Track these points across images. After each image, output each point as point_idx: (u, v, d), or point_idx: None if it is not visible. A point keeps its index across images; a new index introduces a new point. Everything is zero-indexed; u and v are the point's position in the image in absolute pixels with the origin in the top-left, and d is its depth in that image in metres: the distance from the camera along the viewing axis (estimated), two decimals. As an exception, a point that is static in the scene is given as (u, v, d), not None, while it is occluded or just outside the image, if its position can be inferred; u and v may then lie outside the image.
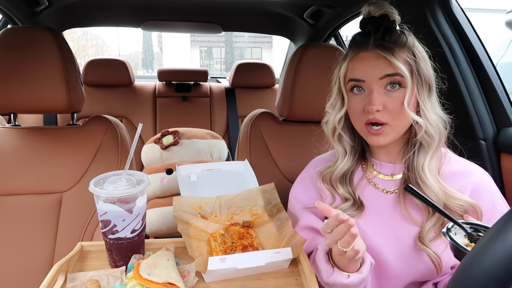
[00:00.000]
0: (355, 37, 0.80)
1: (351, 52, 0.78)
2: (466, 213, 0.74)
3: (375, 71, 0.74)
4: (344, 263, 0.70)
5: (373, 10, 0.77)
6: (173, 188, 1.52)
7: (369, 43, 0.75)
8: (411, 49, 0.75)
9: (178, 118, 2.43)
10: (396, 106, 0.74)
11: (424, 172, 0.76)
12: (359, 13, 1.59)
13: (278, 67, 2.88)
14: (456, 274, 0.37)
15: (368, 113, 0.75)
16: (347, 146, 0.85)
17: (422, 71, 0.75)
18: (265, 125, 1.30)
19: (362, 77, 0.75)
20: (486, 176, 0.80)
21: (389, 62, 0.72)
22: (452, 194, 0.75)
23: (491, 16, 7.39)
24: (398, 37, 0.75)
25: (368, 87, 0.75)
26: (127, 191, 0.67)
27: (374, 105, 0.73)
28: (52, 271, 0.67)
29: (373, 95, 0.74)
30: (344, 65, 0.79)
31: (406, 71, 0.72)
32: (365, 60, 0.76)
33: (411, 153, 0.79)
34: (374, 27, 0.76)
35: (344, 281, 0.70)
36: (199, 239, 0.79)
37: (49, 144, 1.11)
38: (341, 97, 0.83)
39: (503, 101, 1.07)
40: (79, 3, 1.68)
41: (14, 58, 1.01)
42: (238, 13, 1.99)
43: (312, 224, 0.84)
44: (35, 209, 1.05)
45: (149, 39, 19.61)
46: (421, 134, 0.75)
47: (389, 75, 0.73)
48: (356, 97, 0.78)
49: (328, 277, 0.71)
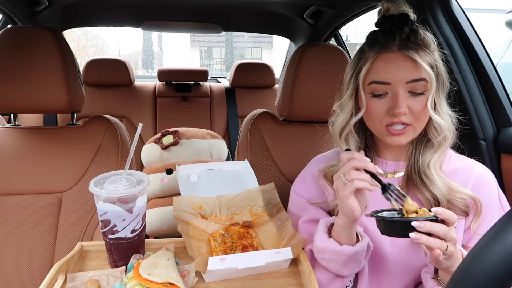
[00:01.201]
0: (376, 36, 0.76)
1: (373, 52, 0.75)
2: (467, 208, 0.75)
3: (403, 74, 0.72)
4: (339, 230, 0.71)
5: (392, 7, 0.75)
6: (173, 188, 1.52)
7: (393, 44, 0.73)
8: (433, 52, 0.74)
9: (178, 118, 2.42)
10: (420, 109, 0.73)
11: (430, 169, 0.77)
12: (359, 13, 1.59)
13: (278, 67, 2.88)
14: (457, 273, 0.37)
15: (394, 116, 0.73)
16: (352, 145, 0.85)
17: (441, 73, 0.75)
18: (265, 125, 1.30)
19: (388, 79, 0.73)
20: (487, 172, 0.81)
21: (416, 66, 0.71)
22: (455, 188, 0.75)
23: (491, 16, 7.39)
24: (423, 39, 0.73)
25: (393, 90, 0.73)
26: (127, 191, 0.67)
27: (401, 108, 0.71)
28: (52, 271, 0.67)
29: (400, 99, 0.72)
30: (366, 67, 0.75)
31: (433, 75, 0.71)
32: (391, 62, 0.73)
33: (418, 151, 0.79)
34: (398, 27, 0.73)
35: (336, 247, 0.71)
36: (199, 239, 0.79)
37: (49, 144, 1.11)
38: (355, 99, 0.80)
39: (503, 101, 1.07)
40: (79, 3, 1.68)
41: (14, 58, 1.01)
42: (238, 13, 1.99)
43: (317, 217, 0.84)
44: (35, 209, 1.05)
45: (149, 39, 19.61)
46: (440, 137, 0.76)
47: (415, 80, 0.72)
48: (377, 100, 0.75)
49: (322, 242, 0.73)
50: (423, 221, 0.58)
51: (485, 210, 0.75)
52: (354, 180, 0.64)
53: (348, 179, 0.65)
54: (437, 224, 0.59)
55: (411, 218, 0.60)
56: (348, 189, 0.65)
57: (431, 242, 0.59)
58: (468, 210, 0.76)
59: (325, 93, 1.20)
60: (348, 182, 0.65)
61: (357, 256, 0.72)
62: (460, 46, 1.13)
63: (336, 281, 0.76)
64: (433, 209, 0.60)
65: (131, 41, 27.61)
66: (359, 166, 0.65)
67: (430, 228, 0.58)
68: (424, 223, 0.58)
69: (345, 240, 0.72)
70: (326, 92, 1.20)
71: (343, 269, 0.73)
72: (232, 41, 20.08)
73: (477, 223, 0.75)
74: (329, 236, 0.75)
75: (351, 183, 0.65)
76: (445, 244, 0.59)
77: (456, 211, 0.75)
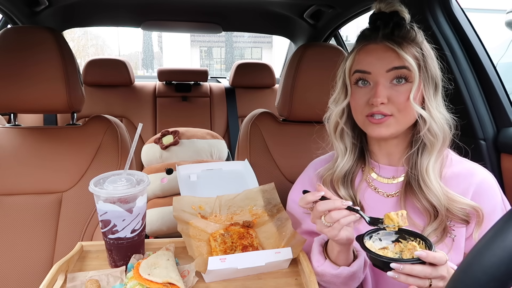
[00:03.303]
0: (364, 31, 0.80)
1: (359, 44, 0.78)
2: (468, 216, 0.73)
3: (383, 63, 0.74)
4: (336, 253, 0.70)
5: (383, 6, 0.77)
6: (173, 188, 1.52)
7: (377, 37, 0.75)
8: (420, 46, 0.75)
9: (178, 118, 2.43)
10: (401, 100, 0.73)
11: (428, 175, 0.75)
12: (359, 13, 1.59)
13: (278, 67, 2.88)
14: (457, 273, 0.37)
15: (372, 106, 0.74)
16: (348, 143, 0.84)
17: (429, 67, 0.75)
18: (265, 125, 1.30)
19: (369, 68, 0.75)
20: (489, 177, 0.78)
21: (397, 56, 0.72)
22: (455, 198, 0.73)
23: (491, 16, 7.39)
24: (407, 32, 0.75)
25: (374, 80, 0.75)
26: (127, 191, 0.67)
27: (379, 97, 0.72)
28: (52, 271, 0.67)
29: (379, 88, 0.73)
30: (351, 57, 0.79)
31: (414, 65, 0.72)
32: (372, 52, 0.75)
33: (415, 155, 0.78)
34: (383, 22, 0.76)
35: (333, 271, 0.71)
36: (199, 239, 0.79)
37: (49, 144, 1.11)
38: (345, 91, 0.82)
39: (503, 101, 1.07)
40: (79, 3, 1.68)
41: (14, 58, 1.01)
42: (238, 13, 1.99)
43: (314, 229, 0.83)
44: (35, 209, 1.05)
45: (149, 39, 19.61)
46: (425, 130, 0.75)
47: (396, 68, 0.73)
48: (360, 90, 0.77)
49: (318, 266, 0.73)
50: (402, 263, 0.58)
51: (487, 218, 0.73)
52: (340, 220, 0.64)
53: (331, 221, 0.64)
54: (417, 267, 0.58)
55: (392, 258, 0.60)
56: (336, 229, 0.64)
57: (410, 281, 0.58)
58: (469, 218, 0.73)
59: (325, 93, 1.20)
60: (332, 224, 0.64)
61: (355, 275, 0.72)
62: (460, 46, 1.13)
63: None
64: (416, 252, 0.58)
65: (131, 41, 27.61)
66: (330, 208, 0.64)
67: (409, 271, 0.58)
68: (403, 266, 0.57)
69: (343, 261, 0.72)
70: (326, 92, 1.20)
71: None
72: (232, 41, 20.08)
73: (479, 231, 0.73)
74: (325, 255, 0.75)
75: (338, 223, 0.64)
76: (427, 281, 0.59)
77: (456, 220, 0.74)
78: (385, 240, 0.66)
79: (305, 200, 0.67)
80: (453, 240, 0.74)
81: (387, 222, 0.63)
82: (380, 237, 0.66)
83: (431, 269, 0.58)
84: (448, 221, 0.74)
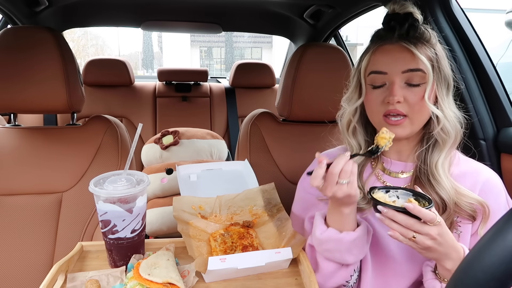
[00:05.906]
0: (378, 32, 0.81)
1: (374, 45, 0.79)
2: (475, 212, 0.75)
3: (399, 64, 0.75)
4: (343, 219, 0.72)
5: (397, 8, 0.78)
6: (173, 188, 1.52)
7: (393, 37, 0.77)
8: (433, 46, 0.77)
9: (178, 118, 2.43)
10: (416, 100, 0.75)
11: (438, 170, 0.77)
12: (359, 13, 1.59)
13: (278, 67, 2.88)
14: (457, 273, 0.37)
15: (388, 104, 0.75)
16: (361, 140, 0.86)
17: (442, 67, 0.76)
18: (265, 125, 1.30)
19: (385, 69, 0.76)
20: (494, 176, 0.81)
21: (412, 57, 0.74)
22: (463, 192, 0.75)
23: (491, 16, 7.39)
24: (422, 33, 0.77)
25: (390, 80, 0.76)
26: (127, 191, 0.67)
27: (396, 95, 0.74)
28: (52, 271, 0.67)
29: (395, 87, 0.74)
30: (366, 58, 0.80)
31: (429, 66, 0.73)
32: (388, 53, 0.77)
33: (425, 151, 0.80)
34: (398, 23, 0.77)
35: (336, 235, 0.72)
36: (199, 239, 0.79)
37: (49, 144, 1.11)
38: (359, 91, 0.83)
39: (503, 101, 1.07)
40: (79, 3, 1.68)
41: (14, 58, 1.01)
42: (238, 13, 1.99)
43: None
44: (35, 209, 1.05)
45: (149, 39, 19.61)
46: (438, 129, 0.76)
47: (411, 70, 0.74)
48: (375, 90, 0.78)
49: (322, 233, 0.74)
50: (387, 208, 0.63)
51: (492, 215, 0.74)
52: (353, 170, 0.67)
53: (346, 177, 0.66)
54: (400, 215, 0.62)
55: (381, 202, 0.64)
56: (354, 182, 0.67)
57: (393, 226, 0.63)
58: (476, 215, 0.75)
59: (325, 93, 1.21)
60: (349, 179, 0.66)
61: (359, 241, 0.73)
62: (460, 46, 1.13)
63: (341, 271, 0.76)
64: (405, 204, 0.62)
65: (131, 41, 27.62)
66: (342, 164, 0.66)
67: (392, 216, 0.63)
68: (388, 210, 0.63)
69: (349, 226, 0.73)
70: (326, 92, 1.21)
71: (347, 257, 0.74)
72: (232, 41, 20.08)
73: (484, 228, 0.75)
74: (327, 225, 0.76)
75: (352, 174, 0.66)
76: (410, 233, 0.62)
77: (463, 215, 0.75)
78: (402, 199, 0.69)
79: (317, 176, 0.67)
80: (458, 236, 0.76)
81: (382, 143, 0.70)
82: (398, 194, 0.70)
83: (415, 222, 0.62)
84: (455, 217, 0.76)
